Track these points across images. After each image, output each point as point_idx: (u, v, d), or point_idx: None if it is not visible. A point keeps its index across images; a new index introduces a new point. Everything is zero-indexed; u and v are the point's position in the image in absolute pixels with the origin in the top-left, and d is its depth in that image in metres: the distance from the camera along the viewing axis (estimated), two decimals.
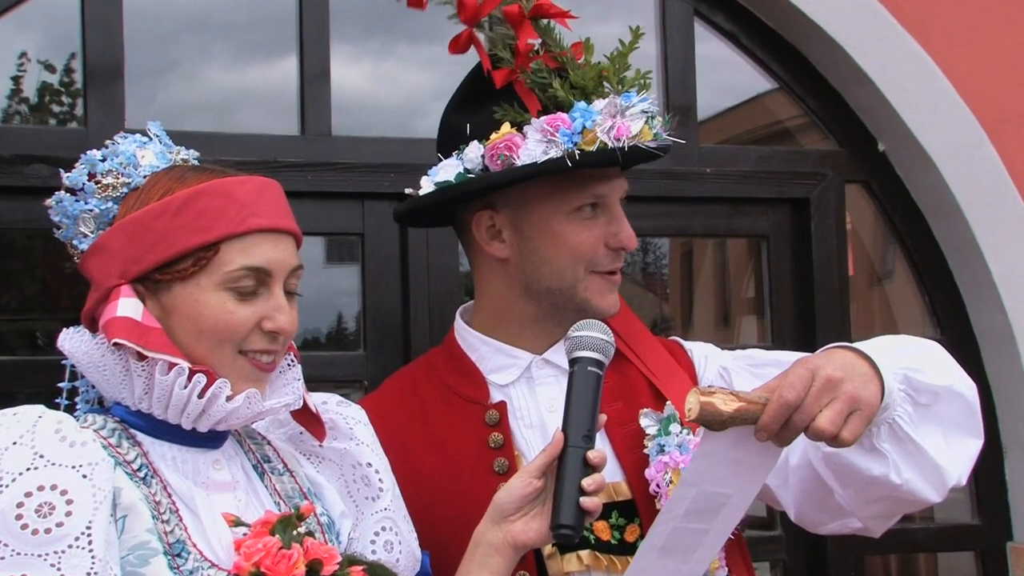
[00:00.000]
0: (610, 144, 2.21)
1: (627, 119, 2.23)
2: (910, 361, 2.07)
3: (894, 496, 2.13)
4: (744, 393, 1.88)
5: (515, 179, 2.26)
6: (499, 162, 2.26)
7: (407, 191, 2.43)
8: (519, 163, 2.24)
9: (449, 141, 2.38)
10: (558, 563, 2.23)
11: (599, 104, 2.24)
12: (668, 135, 2.31)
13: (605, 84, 2.29)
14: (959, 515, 3.99)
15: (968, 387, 2.15)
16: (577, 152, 2.21)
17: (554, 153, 2.22)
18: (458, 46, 2.38)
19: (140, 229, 1.87)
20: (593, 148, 2.21)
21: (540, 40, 2.31)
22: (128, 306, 1.84)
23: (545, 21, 2.34)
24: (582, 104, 2.25)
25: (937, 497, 2.13)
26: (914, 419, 2.06)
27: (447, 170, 2.33)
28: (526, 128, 2.27)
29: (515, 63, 2.30)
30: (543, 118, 2.26)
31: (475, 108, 2.34)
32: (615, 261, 2.33)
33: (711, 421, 1.85)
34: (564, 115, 2.25)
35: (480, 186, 2.30)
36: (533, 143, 2.24)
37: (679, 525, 1.95)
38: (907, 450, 2.07)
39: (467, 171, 2.31)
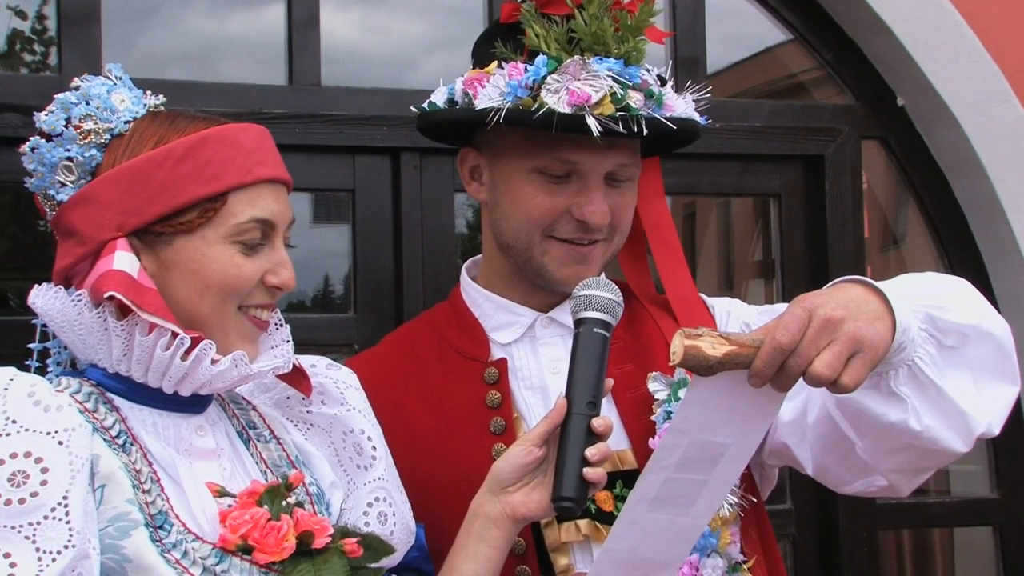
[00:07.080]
0: (557, 108, 2.11)
1: (586, 83, 2.12)
2: (934, 299, 1.99)
3: (915, 445, 2.04)
4: (736, 335, 1.80)
5: (457, 119, 2.24)
6: (464, 99, 2.22)
7: (413, 108, 2.37)
8: (475, 104, 2.19)
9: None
10: (555, 532, 2.19)
11: (567, 63, 2.15)
12: (668, 116, 2.22)
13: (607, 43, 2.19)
14: (977, 488, 3.96)
15: (1000, 327, 2.06)
16: (517, 108, 2.13)
17: (496, 103, 2.15)
18: None
19: (139, 178, 1.80)
20: (533, 107, 2.13)
21: None
22: (125, 260, 1.78)
23: None
24: (543, 59, 2.15)
25: (963, 447, 2.05)
26: (938, 362, 1.97)
27: (436, 95, 2.31)
28: (496, 71, 2.20)
29: None
30: (509, 65, 2.18)
31: (492, 40, 2.28)
32: (577, 232, 2.24)
33: (697, 366, 1.77)
34: (522, 66, 2.17)
35: (436, 119, 2.29)
36: (491, 87, 2.18)
37: (672, 476, 1.89)
38: (928, 395, 1.98)
39: (451, 101, 2.27)
